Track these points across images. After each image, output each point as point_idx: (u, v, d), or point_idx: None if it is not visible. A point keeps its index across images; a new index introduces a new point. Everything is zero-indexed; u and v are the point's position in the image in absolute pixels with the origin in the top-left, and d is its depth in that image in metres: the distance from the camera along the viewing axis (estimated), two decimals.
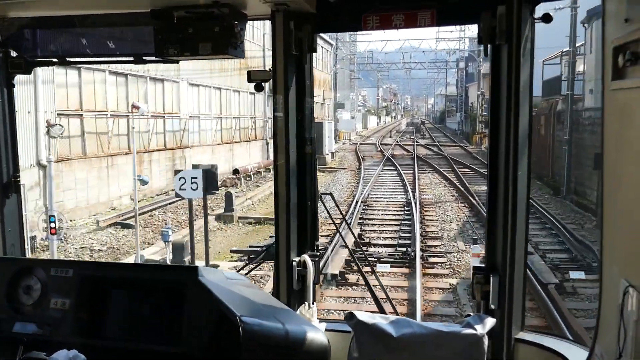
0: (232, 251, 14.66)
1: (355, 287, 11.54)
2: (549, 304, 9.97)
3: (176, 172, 11.47)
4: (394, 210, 19.89)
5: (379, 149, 46.35)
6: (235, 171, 25.51)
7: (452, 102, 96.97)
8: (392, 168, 32.07)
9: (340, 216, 10.54)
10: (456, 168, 30.72)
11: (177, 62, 3.00)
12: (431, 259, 13.55)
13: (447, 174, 28.39)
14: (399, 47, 64.77)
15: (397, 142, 55.18)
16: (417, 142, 55.36)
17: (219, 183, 25.79)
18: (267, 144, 34.53)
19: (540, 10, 2.58)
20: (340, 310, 10.38)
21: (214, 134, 27.52)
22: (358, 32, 50.40)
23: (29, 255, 10.01)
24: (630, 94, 1.81)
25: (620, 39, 1.84)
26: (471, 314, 2.60)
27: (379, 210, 19.91)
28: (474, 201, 20.28)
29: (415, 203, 20.14)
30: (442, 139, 63.70)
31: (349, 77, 76.07)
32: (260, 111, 34.35)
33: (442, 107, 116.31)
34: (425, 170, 31.47)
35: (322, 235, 14.24)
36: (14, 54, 3.17)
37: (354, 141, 57.79)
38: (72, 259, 13.60)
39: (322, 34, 32.26)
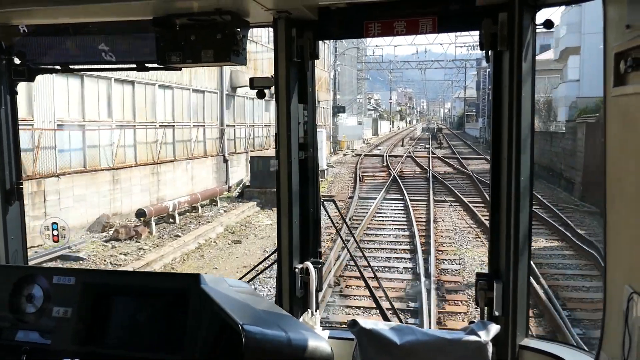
0: None
1: None
2: None
3: None
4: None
5: (385, 163, 36.32)
6: (140, 214, 15.61)
7: (472, 106, 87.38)
8: (398, 198, 22.09)
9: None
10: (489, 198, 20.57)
11: (180, 69, 2.97)
12: None
13: (477, 211, 18.35)
14: (411, 41, 54.72)
15: (410, 152, 45.08)
16: (433, 152, 45.23)
17: (109, 234, 14.93)
18: (227, 161, 24.61)
19: (541, 16, 2.57)
20: None
21: (116, 151, 17.46)
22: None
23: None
24: (632, 100, 1.84)
25: (621, 45, 1.87)
26: (475, 320, 2.59)
27: (353, 311, 9.99)
28: (543, 287, 10.28)
29: (429, 291, 10.29)
30: (463, 148, 53.34)
31: (356, 77, 65.95)
32: (215, 117, 24.38)
33: (461, 111, 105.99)
34: (445, 201, 21.38)
35: None
36: (17, 61, 3.12)
37: (359, 151, 47.82)
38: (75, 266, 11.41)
39: None
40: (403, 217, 18.29)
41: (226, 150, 24.50)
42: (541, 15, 2.57)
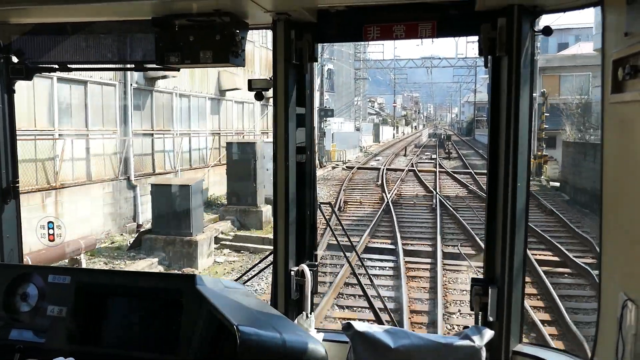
0: None
1: None
2: None
3: None
4: None
5: (380, 180, 28.13)
6: None
7: (482, 111, 79.43)
8: (387, 248, 13.92)
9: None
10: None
11: (178, 69, 2.95)
12: None
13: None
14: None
15: (413, 165, 36.85)
16: (440, 164, 36.99)
17: None
18: (134, 187, 16.44)
19: (540, 22, 2.58)
20: None
21: None
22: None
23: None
24: (630, 107, 1.84)
25: (619, 52, 1.89)
26: (469, 325, 2.59)
27: None
28: None
29: None
30: (475, 159, 44.83)
31: (354, 77, 57.69)
32: (114, 121, 16.12)
33: (470, 116, 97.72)
34: (462, 256, 13.09)
35: None
36: (15, 59, 3.09)
37: (352, 163, 39.65)
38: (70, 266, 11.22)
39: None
40: (390, 300, 10.10)
41: (132, 171, 16.31)
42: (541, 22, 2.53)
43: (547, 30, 2.49)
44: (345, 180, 27.95)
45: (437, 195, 22.27)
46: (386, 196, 22.10)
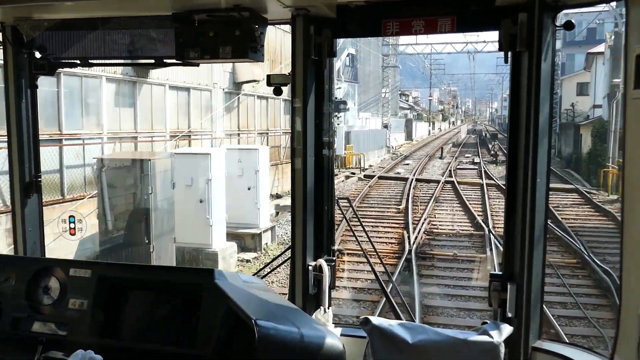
0: None
1: None
2: None
3: None
4: None
5: (404, 202, 19.55)
6: None
7: None
8: None
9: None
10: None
11: (198, 65, 2.94)
12: None
13: None
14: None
15: (451, 172, 28.12)
16: (486, 171, 28.13)
17: None
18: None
19: (561, 18, 2.53)
20: None
21: None
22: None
23: None
24: None
25: None
26: (488, 321, 2.53)
27: None
28: None
29: None
30: None
31: (381, 64, 48.75)
32: None
33: None
34: None
35: None
36: (37, 55, 3.08)
37: (374, 169, 31.10)
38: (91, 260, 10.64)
39: None
40: None
41: None
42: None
43: (569, 26, 2.48)
44: (356, 201, 19.50)
45: (492, 235, 13.67)
46: (409, 239, 13.53)
